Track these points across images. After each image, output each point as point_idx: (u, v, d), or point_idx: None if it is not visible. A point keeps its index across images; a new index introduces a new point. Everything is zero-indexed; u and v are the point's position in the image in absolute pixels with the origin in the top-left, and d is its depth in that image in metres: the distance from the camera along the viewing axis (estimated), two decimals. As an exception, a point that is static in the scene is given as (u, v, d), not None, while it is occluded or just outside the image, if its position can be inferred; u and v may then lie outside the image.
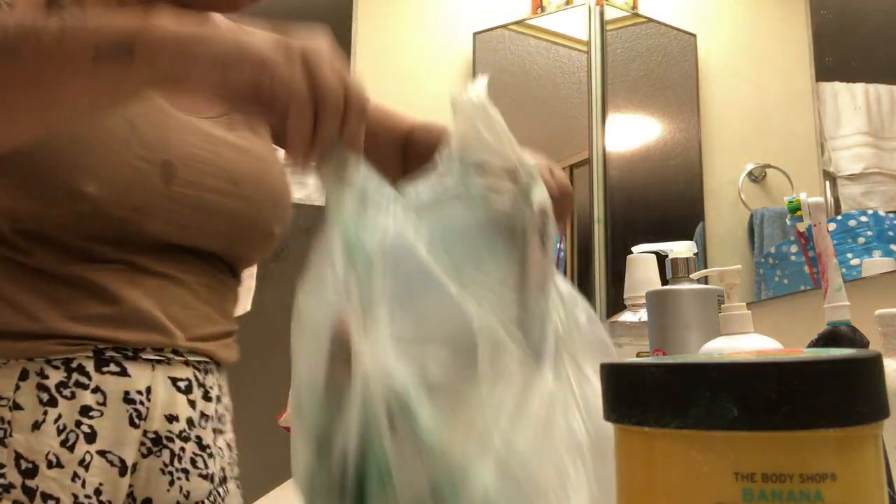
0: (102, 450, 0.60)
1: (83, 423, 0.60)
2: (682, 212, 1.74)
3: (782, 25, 1.44)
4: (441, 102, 2.42)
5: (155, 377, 0.64)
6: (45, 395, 0.59)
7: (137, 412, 0.62)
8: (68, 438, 0.59)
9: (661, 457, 0.25)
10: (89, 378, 0.61)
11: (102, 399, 0.61)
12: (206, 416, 0.69)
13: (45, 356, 0.59)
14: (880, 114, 1.12)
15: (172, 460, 0.65)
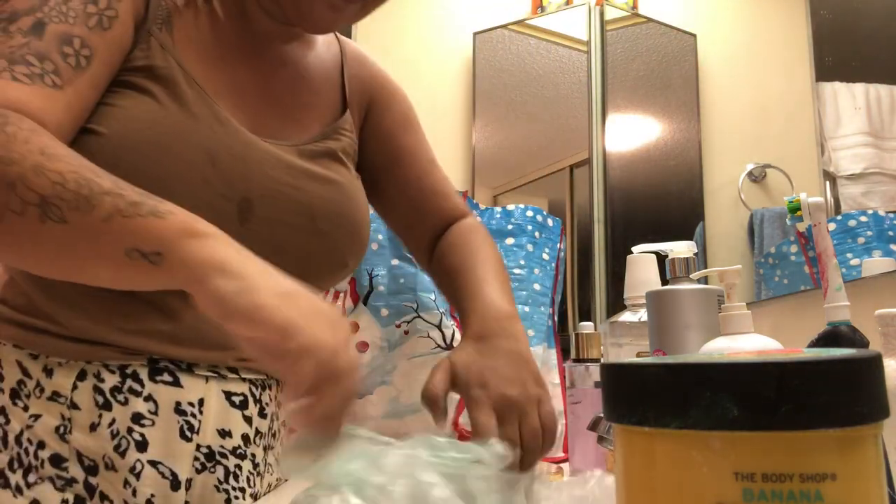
0: (154, 460, 0.60)
1: (135, 430, 0.59)
2: (682, 212, 1.74)
3: (782, 25, 1.44)
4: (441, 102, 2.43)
5: (209, 390, 0.64)
6: (100, 398, 0.59)
7: (189, 424, 0.62)
8: (120, 444, 0.59)
9: (661, 457, 0.25)
10: (142, 385, 0.60)
11: (154, 408, 0.60)
12: (260, 434, 0.69)
13: (102, 360, 0.60)
14: (880, 114, 1.12)
15: (228, 478, 0.64)
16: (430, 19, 2.21)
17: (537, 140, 2.01)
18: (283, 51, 0.71)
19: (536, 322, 1.02)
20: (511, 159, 2.03)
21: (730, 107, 1.66)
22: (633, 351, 0.88)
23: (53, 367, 0.59)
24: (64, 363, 0.59)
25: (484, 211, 1.14)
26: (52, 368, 0.59)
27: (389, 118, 0.80)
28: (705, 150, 1.70)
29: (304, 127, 0.70)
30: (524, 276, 1.04)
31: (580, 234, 1.88)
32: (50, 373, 0.59)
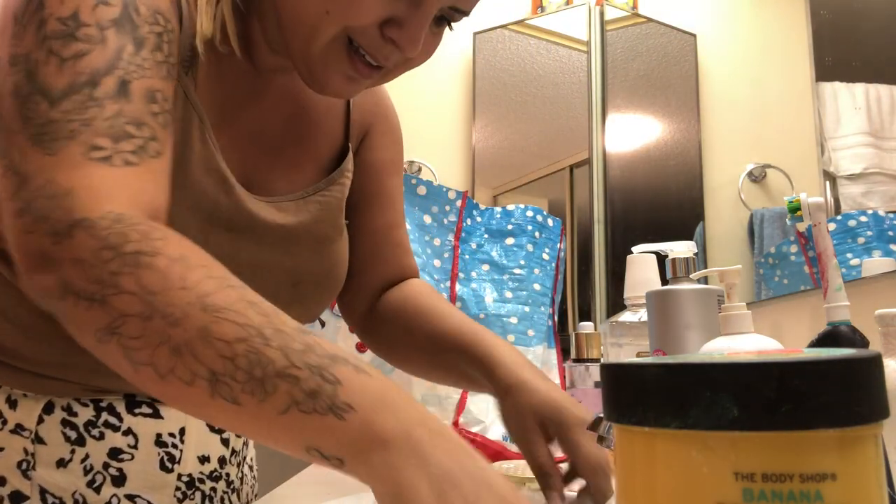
0: (131, 494, 0.58)
1: (111, 465, 0.57)
2: (682, 212, 1.74)
3: (782, 25, 1.44)
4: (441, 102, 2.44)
5: (188, 418, 0.62)
6: (72, 433, 0.56)
7: (170, 455, 0.60)
8: (95, 479, 0.56)
9: (661, 457, 0.25)
10: (120, 420, 0.58)
11: (134, 442, 0.58)
12: (235, 452, 0.68)
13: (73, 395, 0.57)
14: (880, 114, 1.12)
15: (204, 501, 0.63)
16: (430, 19, 2.20)
17: (537, 140, 2.02)
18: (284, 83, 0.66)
19: (536, 322, 1.02)
20: (511, 159, 2.03)
21: (730, 107, 1.66)
22: (633, 351, 0.88)
23: (18, 399, 0.56)
24: (29, 395, 0.56)
25: (484, 211, 1.14)
26: (15, 399, 0.56)
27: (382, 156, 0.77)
28: (705, 150, 1.70)
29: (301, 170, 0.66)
30: (524, 276, 1.04)
31: (580, 234, 1.88)
32: (13, 404, 0.56)
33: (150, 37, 0.48)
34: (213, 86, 0.57)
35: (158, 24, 0.49)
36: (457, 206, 1.11)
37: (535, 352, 1.00)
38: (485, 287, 1.02)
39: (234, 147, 0.59)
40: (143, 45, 0.47)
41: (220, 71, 0.58)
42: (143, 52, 0.47)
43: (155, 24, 0.49)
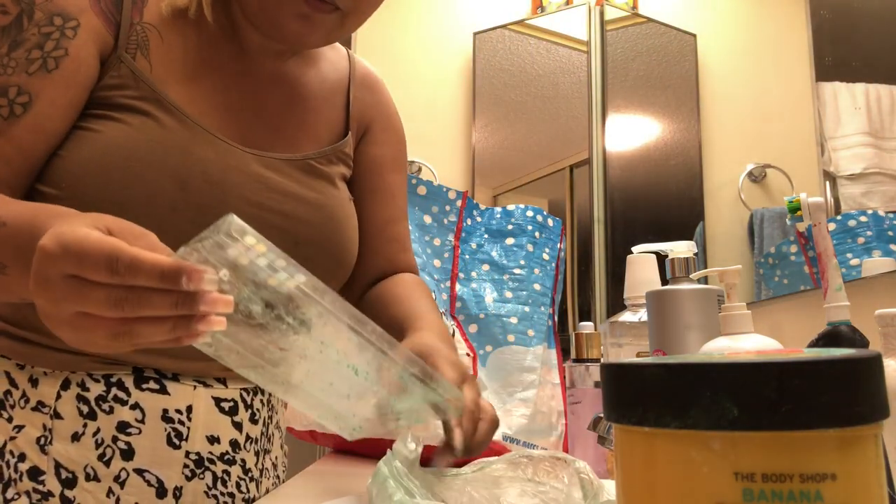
0: (139, 468, 0.60)
1: (120, 438, 0.59)
2: (682, 212, 1.74)
3: (782, 25, 1.44)
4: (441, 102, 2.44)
5: (196, 396, 0.63)
6: (85, 407, 0.59)
7: (177, 431, 0.62)
8: (105, 453, 0.59)
9: (661, 457, 0.25)
10: (128, 394, 0.60)
11: (141, 416, 0.60)
12: (251, 439, 0.68)
13: (87, 370, 0.60)
14: (880, 114, 1.12)
15: (216, 483, 0.64)
16: (430, 19, 2.21)
17: (537, 140, 2.02)
18: (277, 69, 0.69)
19: (536, 322, 1.02)
20: (511, 159, 2.03)
21: (730, 107, 1.66)
22: (633, 351, 0.88)
23: (38, 377, 0.59)
24: (49, 373, 0.59)
25: (484, 211, 1.14)
26: (37, 378, 0.59)
27: (382, 151, 0.79)
28: (705, 150, 1.70)
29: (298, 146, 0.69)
30: (524, 276, 1.04)
31: (580, 234, 1.88)
32: (35, 382, 0.59)
33: (32, 38, 0.56)
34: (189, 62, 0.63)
35: (52, 24, 0.56)
36: (457, 206, 1.11)
37: (535, 352, 1.00)
38: (485, 287, 1.02)
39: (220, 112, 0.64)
40: (18, 46, 0.55)
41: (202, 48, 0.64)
42: (17, 51, 0.55)
43: (47, 26, 0.56)
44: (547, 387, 1.00)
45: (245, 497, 0.67)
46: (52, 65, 0.56)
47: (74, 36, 0.57)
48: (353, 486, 0.80)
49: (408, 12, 2.20)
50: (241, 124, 0.65)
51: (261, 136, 0.66)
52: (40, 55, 0.56)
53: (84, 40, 0.58)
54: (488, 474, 0.48)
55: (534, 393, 0.97)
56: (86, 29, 0.58)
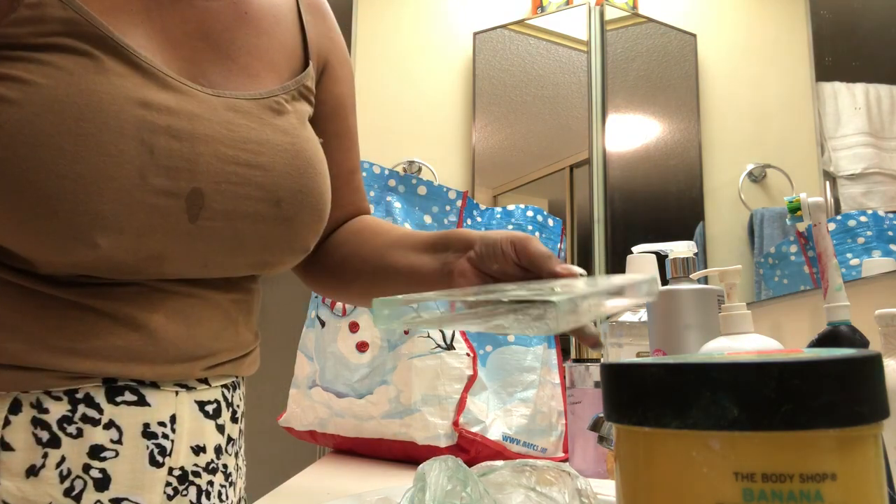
0: (118, 497, 0.50)
1: (93, 466, 0.50)
2: (682, 212, 1.74)
3: (782, 25, 1.44)
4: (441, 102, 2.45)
5: (180, 403, 0.55)
6: (44, 434, 0.48)
7: (160, 448, 0.53)
8: (73, 486, 0.49)
9: (661, 457, 0.25)
10: (100, 411, 0.50)
11: (118, 436, 0.51)
12: (231, 441, 0.62)
13: (44, 388, 0.49)
14: (880, 114, 1.12)
15: (200, 497, 0.56)
16: (430, 19, 2.21)
17: (537, 140, 2.01)
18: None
19: (536, 322, 1.02)
20: (511, 159, 2.03)
21: (730, 107, 1.66)
22: (633, 351, 0.88)
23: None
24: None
25: (484, 211, 1.14)
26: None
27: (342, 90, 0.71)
28: (705, 150, 1.70)
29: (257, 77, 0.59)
30: (524, 276, 1.04)
31: (580, 234, 1.88)
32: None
33: None
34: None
35: None
36: (457, 206, 1.11)
37: (535, 352, 1.00)
38: (485, 287, 1.02)
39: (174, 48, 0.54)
40: None
41: None
42: None
43: None
44: (547, 387, 1.00)
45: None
46: None
47: None
48: (353, 486, 0.80)
49: (408, 12, 2.20)
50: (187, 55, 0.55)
51: (213, 69, 0.56)
52: None
53: None
54: (492, 480, 0.49)
55: (534, 393, 0.97)
56: None
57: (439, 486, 0.44)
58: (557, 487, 0.48)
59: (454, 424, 0.90)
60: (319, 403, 1.04)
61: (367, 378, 0.98)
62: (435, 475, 0.45)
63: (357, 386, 0.99)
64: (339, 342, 1.01)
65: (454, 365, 0.93)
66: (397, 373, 0.95)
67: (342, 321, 1.02)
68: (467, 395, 0.92)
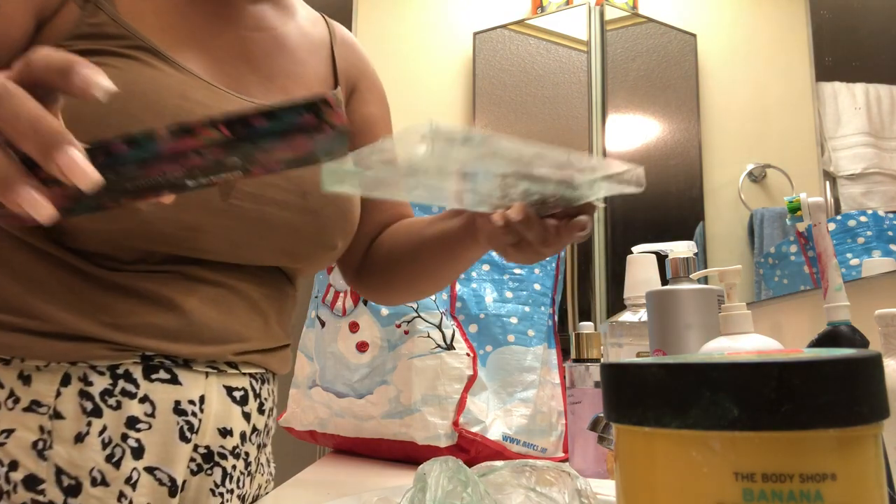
0: (151, 466, 0.55)
1: (130, 436, 0.54)
2: (682, 212, 1.74)
3: (782, 25, 1.44)
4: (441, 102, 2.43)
5: (209, 385, 0.59)
6: (88, 404, 0.53)
7: (189, 424, 0.57)
8: (114, 453, 0.54)
9: (661, 457, 0.25)
10: (137, 386, 0.55)
11: (151, 409, 0.56)
12: (256, 431, 0.65)
13: (89, 360, 0.54)
14: (880, 114, 1.12)
15: (224, 480, 0.60)
16: (430, 19, 2.21)
17: (537, 140, 2.01)
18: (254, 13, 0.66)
19: (536, 322, 1.02)
20: (511, 159, 2.03)
21: (730, 107, 1.66)
22: (633, 351, 0.88)
23: (31, 373, 0.53)
24: (43, 367, 0.53)
25: (484, 211, 1.14)
26: (29, 374, 0.53)
27: (372, 110, 0.78)
28: (705, 150, 1.70)
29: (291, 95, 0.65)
30: (524, 276, 1.04)
31: (580, 234, 1.88)
32: (27, 380, 0.53)
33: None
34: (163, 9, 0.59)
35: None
36: (457, 206, 1.11)
37: (535, 352, 1.00)
38: (485, 287, 1.02)
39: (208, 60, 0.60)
40: None
41: None
42: None
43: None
44: (547, 387, 1.00)
45: (240, 493, 0.64)
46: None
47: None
48: (353, 486, 0.80)
49: (408, 12, 2.20)
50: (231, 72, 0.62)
51: (252, 85, 0.63)
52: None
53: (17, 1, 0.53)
54: (492, 481, 0.49)
55: (534, 393, 0.97)
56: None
57: (440, 486, 0.44)
58: (557, 488, 0.48)
59: (454, 424, 0.91)
60: (319, 403, 1.04)
61: (367, 378, 0.98)
62: (435, 476, 0.45)
63: (357, 386, 0.99)
64: (339, 342, 1.01)
65: (454, 365, 0.93)
66: (397, 373, 0.95)
67: (342, 321, 1.02)
68: (467, 395, 0.92)
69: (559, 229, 0.55)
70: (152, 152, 0.34)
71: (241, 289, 0.62)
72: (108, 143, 0.34)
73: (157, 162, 0.34)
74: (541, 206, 0.55)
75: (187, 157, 0.34)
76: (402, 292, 0.77)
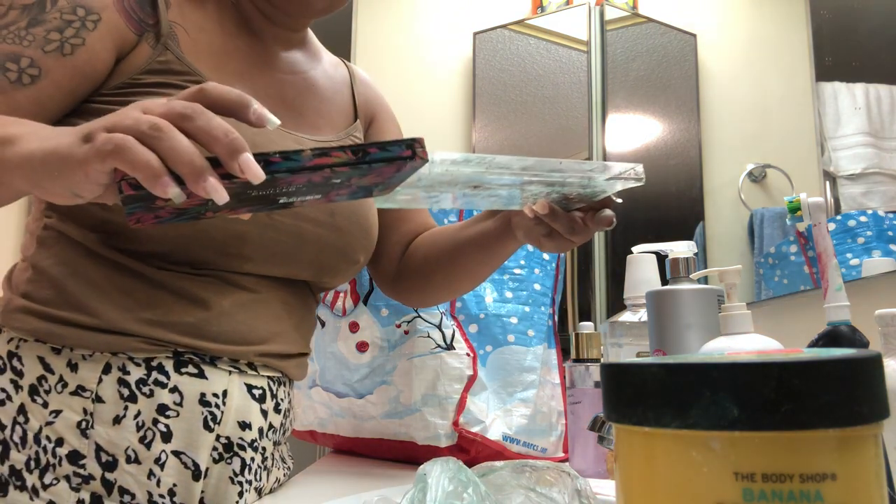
0: (177, 450, 0.62)
1: (160, 421, 0.61)
2: (682, 212, 1.74)
3: (782, 25, 1.44)
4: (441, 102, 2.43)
5: (231, 382, 0.66)
6: (125, 391, 0.61)
7: (212, 415, 0.64)
8: (146, 435, 0.60)
9: (661, 457, 0.25)
10: (168, 377, 0.62)
11: (179, 399, 0.62)
12: (273, 428, 0.71)
13: (128, 352, 0.61)
14: (880, 114, 1.12)
15: (243, 470, 0.66)
16: (430, 19, 2.21)
17: (537, 140, 2.01)
18: (288, 59, 0.76)
19: (536, 322, 1.02)
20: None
21: (730, 107, 1.66)
22: (633, 351, 0.88)
23: (78, 362, 0.60)
24: (89, 357, 0.60)
25: (484, 211, 1.14)
26: (76, 363, 0.60)
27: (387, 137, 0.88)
28: (705, 150, 1.70)
29: (319, 130, 0.75)
30: (524, 276, 1.04)
31: (580, 234, 1.88)
32: (74, 367, 0.60)
33: (53, 20, 0.59)
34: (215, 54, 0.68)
35: (74, 14, 0.60)
36: (457, 206, 1.11)
37: (535, 352, 1.00)
38: (485, 287, 1.02)
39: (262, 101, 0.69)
40: (38, 24, 0.58)
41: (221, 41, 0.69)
42: (36, 28, 0.58)
43: (70, 14, 0.59)
44: (547, 387, 1.00)
45: (258, 486, 0.69)
46: (68, 49, 0.59)
47: (94, 28, 0.60)
48: (353, 486, 0.80)
49: (408, 12, 2.20)
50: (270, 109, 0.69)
51: (288, 121, 0.72)
52: (59, 38, 0.58)
53: (102, 34, 0.60)
54: (492, 481, 0.49)
55: (534, 393, 0.97)
56: (106, 24, 0.61)
57: (440, 487, 0.44)
58: (557, 488, 0.48)
59: (454, 424, 0.90)
60: (319, 403, 1.04)
61: (367, 378, 0.98)
62: (436, 476, 0.45)
63: (357, 386, 0.99)
64: (339, 342, 1.01)
65: (454, 365, 0.93)
66: (397, 373, 0.95)
67: (342, 321, 1.02)
68: (467, 395, 0.92)
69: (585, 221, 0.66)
70: (298, 165, 0.42)
71: (270, 297, 0.69)
72: (268, 154, 0.42)
73: (298, 173, 0.43)
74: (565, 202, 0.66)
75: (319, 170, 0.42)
76: (442, 292, 0.86)
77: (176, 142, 0.40)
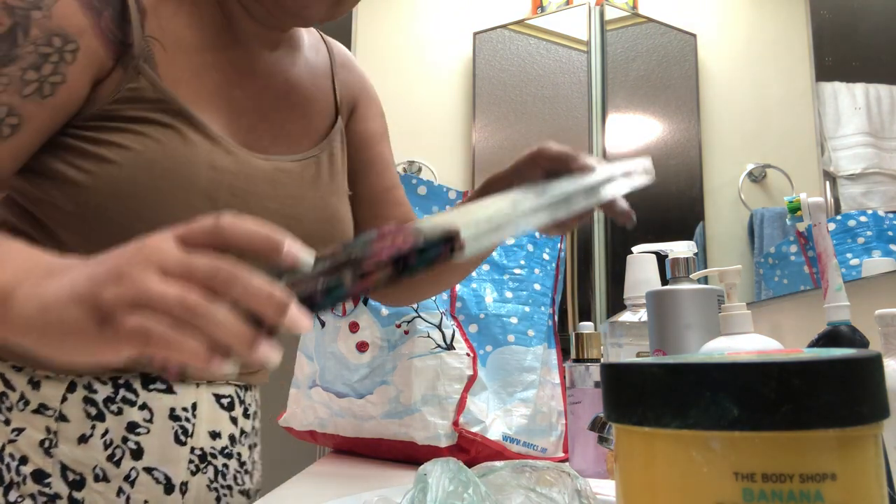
0: (149, 466, 0.61)
1: (130, 439, 0.60)
2: (682, 212, 1.74)
3: (782, 25, 1.44)
4: (441, 102, 2.43)
5: (199, 394, 0.66)
6: (93, 410, 0.59)
7: (183, 429, 0.64)
8: (115, 454, 0.60)
9: (661, 457, 0.25)
10: (136, 395, 0.61)
11: (149, 416, 0.62)
12: (244, 433, 0.72)
13: (93, 373, 0.60)
14: (880, 114, 1.12)
15: (217, 477, 0.67)
16: (430, 19, 2.21)
17: (537, 140, 2.01)
18: (269, 60, 0.70)
19: (536, 322, 1.02)
20: (511, 159, 2.03)
21: (730, 107, 1.66)
22: (633, 351, 0.88)
23: (40, 380, 0.59)
24: (53, 376, 0.59)
25: (484, 211, 1.14)
26: (38, 381, 0.59)
27: (371, 126, 0.83)
28: (705, 150, 1.70)
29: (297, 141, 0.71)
30: (524, 276, 1.04)
31: (580, 234, 1.88)
32: (37, 385, 0.58)
33: (28, 56, 0.52)
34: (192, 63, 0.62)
35: (50, 45, 0.53)
36: (457, 206, 1.11)
37: (535, 352, 1.00)
38: (485, 287, 1.02)
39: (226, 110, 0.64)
40: (11, 62, 0.51)
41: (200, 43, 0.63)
42: (9, 67, 0.51)
43: (45, 46, 0.53)
44: (547, 387, 1.00)
45: (241, 489, 0.70)
46: (48, 90, 0.53)
47: (73, 60, 0.54)
48: (353, 486, 0.80)
49: (408, 12, 2.20)
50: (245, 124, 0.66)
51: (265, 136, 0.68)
52: (37, 77, 0.52)
53: (82, 65, 0.55)
54: (492, 481, 0.49)
55: (534, 393, 0.97)
56: (84, 53, 0.55)
57: (441, 487, 0.44)
58: (557, 488, 0.48)
59: (454, 424, 0.90)
60: (319, 403, 1.04)
61: (367, 378, 0.98)
62: (436, 477, 0.45)
63: (357, 386, 0.99)
64: (339, 342, 1.01)
65: (454, 365, 0.93)
66: (397, 373, 0.95)
67: (342, 321, 1.02)
68: (467, 395, 0.92)
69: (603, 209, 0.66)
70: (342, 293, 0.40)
71: None
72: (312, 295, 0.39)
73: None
74: None
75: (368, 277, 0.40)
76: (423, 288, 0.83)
77: (216, 319, 0.35)
